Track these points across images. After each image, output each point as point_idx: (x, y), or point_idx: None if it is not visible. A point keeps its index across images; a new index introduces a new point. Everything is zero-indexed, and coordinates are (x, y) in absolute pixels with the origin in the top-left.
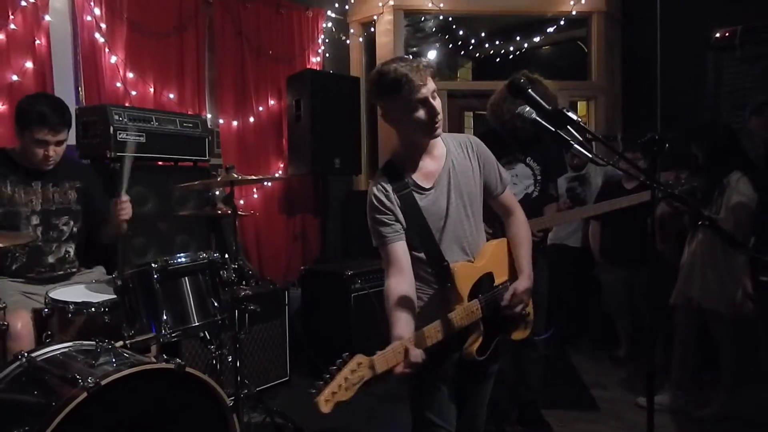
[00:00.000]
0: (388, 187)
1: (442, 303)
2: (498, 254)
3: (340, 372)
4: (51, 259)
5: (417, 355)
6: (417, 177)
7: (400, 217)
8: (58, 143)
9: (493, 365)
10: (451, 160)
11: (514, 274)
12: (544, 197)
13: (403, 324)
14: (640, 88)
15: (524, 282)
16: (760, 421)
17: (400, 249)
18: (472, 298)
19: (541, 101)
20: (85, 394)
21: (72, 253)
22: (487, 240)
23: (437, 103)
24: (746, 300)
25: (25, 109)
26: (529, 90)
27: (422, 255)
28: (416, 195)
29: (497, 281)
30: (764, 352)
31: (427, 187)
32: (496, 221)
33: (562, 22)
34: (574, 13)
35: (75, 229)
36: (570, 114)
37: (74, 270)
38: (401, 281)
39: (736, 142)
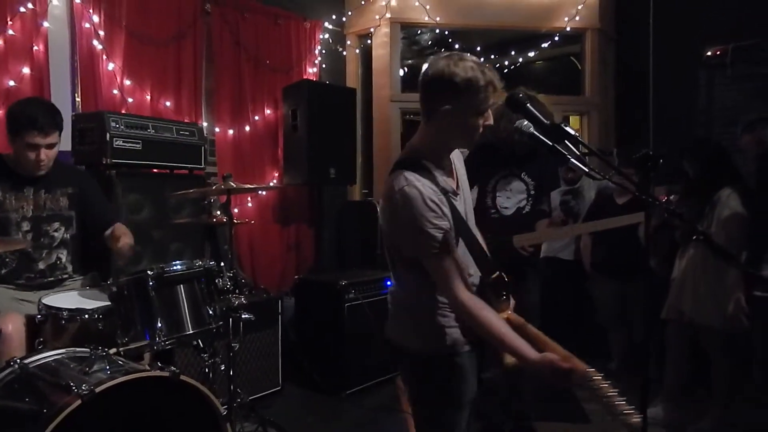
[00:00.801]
0: (436, 188)
1: None
2: None
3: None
4: (41, 266)
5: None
6: (449, 181)
7: (453, 224)
8: (49, 146)
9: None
10: (456, 167)
11: None
12: (536, 212)
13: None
14: (633, 103)
15: None
16: None
17: (458, 259)
18: None
19: (540, 116)
20: (78, 402)
21: (63, 260)
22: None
23: None
24: (739, 314)
25: (15, 114)
26: (528, 105)
27: (465, 265)
28: (453, 201)
29: None
30: (757, 366)
31: (458, 192)
32: (487, 231)
33: (556, 38)
34: (568, 29)
35: (67, 236)
36: (567, 128)
37: (66, 276)
38: (471, 292)
39: (726, 158)
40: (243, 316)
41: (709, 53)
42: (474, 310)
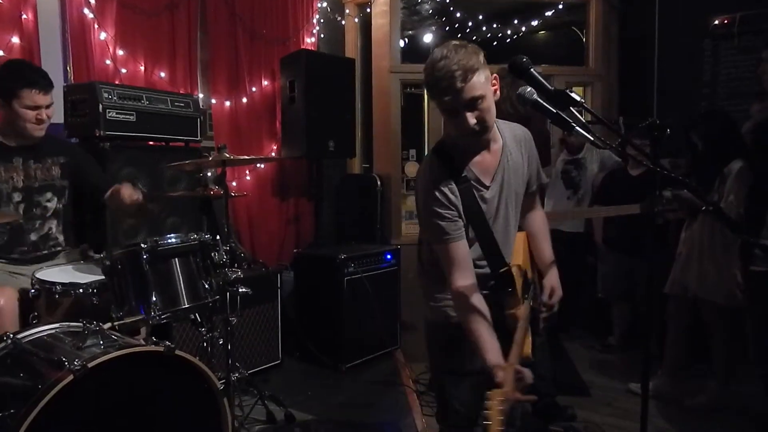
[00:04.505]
0: (450, 179)
1: (495, 306)
2: (523, 249)
3: (496, 412)
4: (33, 237)
5: (530, 376)
6: (477, 170)
7: (462, 213)
8: (48, 106)
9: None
10: (507, 155)
11: (534, 267)
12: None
13: (495, 344)
14: (637, 74)
15: (556, 278)
16: (751, 412)
17: (464, 248)
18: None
19: (544, 81)
20: (71, 377)
21: (55, 230)
22: None
23: None
24: (735, 290)
25: (9, 76)
26: (532, 69)
27: (476, 256)
28: (475, 191)
29: (528, 277)
30: (753, 344)
31: (486, 183)
32: None
33: (560, 6)
34: None
35: (59, 206)
36: (573, 94)
37: (59, 249)
38: (471, 283)
39: (735, 130)
40: (240, 290)
41: (716, 22)
42: (461, 302)
